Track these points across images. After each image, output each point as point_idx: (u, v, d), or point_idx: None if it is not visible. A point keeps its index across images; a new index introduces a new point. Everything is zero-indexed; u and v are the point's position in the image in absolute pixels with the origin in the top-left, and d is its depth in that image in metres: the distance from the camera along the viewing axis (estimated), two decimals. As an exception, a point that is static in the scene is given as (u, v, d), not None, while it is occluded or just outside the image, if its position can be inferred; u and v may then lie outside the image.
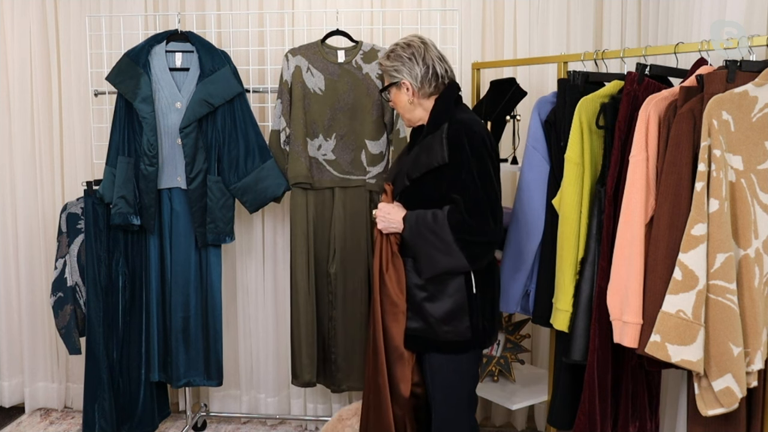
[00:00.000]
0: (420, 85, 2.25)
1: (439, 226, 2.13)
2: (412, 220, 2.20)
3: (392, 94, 2.33)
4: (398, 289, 2.23)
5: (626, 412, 2.26)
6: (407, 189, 2.25)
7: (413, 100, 2.28)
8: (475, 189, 2.11)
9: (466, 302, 2.19)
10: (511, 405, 2.72)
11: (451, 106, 2.26)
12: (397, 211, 2.24)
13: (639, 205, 2.00)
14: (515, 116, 2.87)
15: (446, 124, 2.19)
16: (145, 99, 2.89)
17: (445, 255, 2.14)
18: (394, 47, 2.30)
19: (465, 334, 2.20)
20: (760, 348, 1.86)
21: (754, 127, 1.88)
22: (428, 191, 2.20)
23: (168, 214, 3.02)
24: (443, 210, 2.14)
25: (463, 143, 2.13)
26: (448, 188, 2.15)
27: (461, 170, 2.13)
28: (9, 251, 3.57)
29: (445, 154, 2.14)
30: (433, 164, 2.16)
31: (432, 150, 2.17)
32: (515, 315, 2.86)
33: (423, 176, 2.19)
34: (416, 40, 2.28)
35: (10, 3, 3.42)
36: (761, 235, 1.87)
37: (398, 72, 2.26)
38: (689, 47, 2.16)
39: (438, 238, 2.13)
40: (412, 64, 2.25)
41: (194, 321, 3.05)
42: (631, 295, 1.99)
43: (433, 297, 2.20)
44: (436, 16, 3.16)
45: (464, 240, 2.11)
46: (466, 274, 2.19)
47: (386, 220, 2.25)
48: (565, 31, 3.18)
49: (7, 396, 3.65)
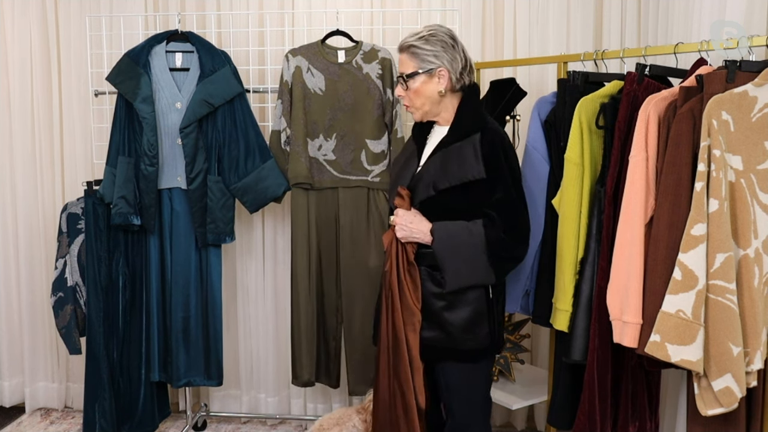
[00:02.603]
0: (458, 76, 2.13)
1: (474, 242, 2.06)
2: (443, 233, 2.10)
3: (418, 83, 2.14)
4: (416, 299, 2.15)
5: (626, 412, 2.26)
6: (431, 198, 2.12)
7: (444, 92, 2.14)
8: (514, 207, 2.07)
9: (485, 309, 2.14)
10: (511, 405, 2.72)
11: (482, 111, 2.16)
12: (420, 220, 2.13)
13: (639, 205, 2.00)
14: (515, 116, 2.87)
15: (479, 134, 2.09)
16: (146, 99, 2.89)
17: (475, 270, 2.08)
18: (433, 31, 2.12)
19: (485, 341, 2.15)
20: (759, 348, 1.87)
21: (754, 127, 1.88)
22: (456, 203, 2.10)
23: (168, 214, 3.02)
24: (476, 224, 2.07)
25: (499, 157, 2.06)
26: (481, 202, 2.08)
27: (497, 185, 2.06)
28: (9, 251, 3.57)
29: (482, 169, 2.05)
30: (467, 178, 2.06)
31: (465, 161, 2.07)
32: (515, 315, 2.86)
33: (454, 188, 2.08)
34: (451, 32, 2.15)
35: (10, 3, 3.42)
36: (761, 235, 1.87)
37: (438, 58, 2.10)
38: (689, 47, 2.16)
39: (472, 254, 2.07)
40: (454, 53, 2.11)
41: (194, 321, 3.05)
42: (630, 295, 1.99)
43: (452, 305, 2.13)
44: (436, 16, 3.16)
45: (498, 257, 2.07)
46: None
47: (408, 230, 2.13)
48: (565, 31, 3.18)
49: (8, 396, 3.65)
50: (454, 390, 2.20)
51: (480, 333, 2.14)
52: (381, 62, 2.95)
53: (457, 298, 2.13)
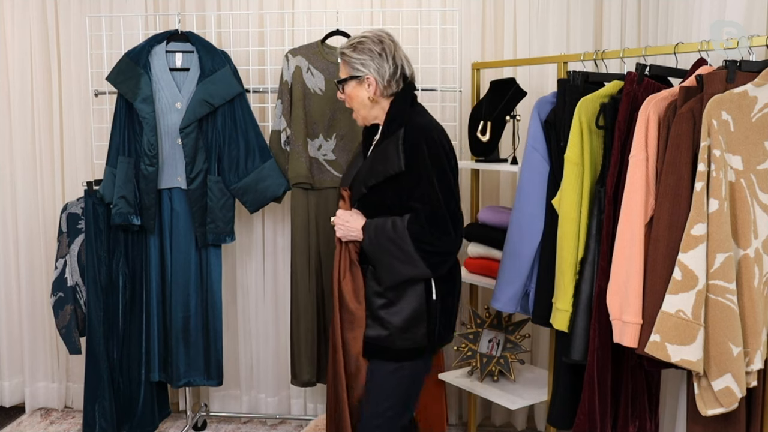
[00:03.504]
0: (386, 84, 2.16)
1: (399, 235, 2.08)
2: (372, 230, 2.14)
3: (349, 88, 2.21)
4: (355, 299, 2.18)
5: (626, 411, 2.26)
6: (365, 196, 2.18)
7: (374, 98, 2.19)
8: (436, 198, 2.06)
9: (425, 309, 2.15)
10: (511, 405, 2.72)
11: (408, 109, 2.18)
12: (356, 219, 2.18)
13: (639, 205, 2.00)
14: (515, 116, 2.88)
15: (402, 130, 2.12)
16: (146, 99, 2.89)
17: (405, 264, 2.09)
18: (363, 39, 2.17)
19: (422, 341, 2.16)
20: (759, 348, 1.87)
21: (754, 127, 1.88)
22: (387, 199, 2.14)
23: (168, 214, 3.02)
24: (403, 219, 2.09)
25: (421, 150, 2.08)
26: (407, 196, 2.10)
27: (420, 178, 2.07)
28: (9, 251, 3.57)
29: (402, 163, 2.08)
30: (389, 172, 2.10)
31: (388, 157, 2.11)
32: (515, 315, 2.86)
33: (380, 184, 2.13)
34: (387, 37, 2.19)
35: (10, 3, 3.42)
36: (761, 235, 1.87)
37: (364, 66, 2.15)
38: (689, 47, 2.16)
39: (398, 248, 2.08)
40: (381, 60, 2.15)
41: (194, 321, 3.05)
42: (630, 295, 1.99)
43: (392, 304, 2.15)
44: (436, 16, 3.16)
45: (424, 250, 2.07)
46: (427, 280, 2.15)
47: (345, 228, 2.19)
48: (565, 31, 3.18)
49: (8, 396, 3.65)
50: (376, 387, 2.19)
51: (417, 333, 2.15)
52: (381, 62, 2.94)
53: (396, 296, 2.14)
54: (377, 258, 2.15)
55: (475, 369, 2.93)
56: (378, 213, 2.16)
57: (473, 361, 2.93)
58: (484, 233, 2.86)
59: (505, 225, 2.62)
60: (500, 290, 2.57)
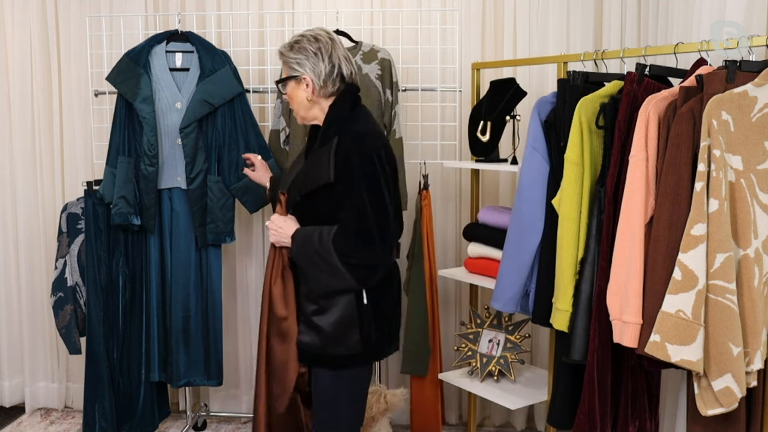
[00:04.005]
0: (322, 83, 2.10)
1: (324, 248, 2.02)
2: (300, 239, 2.09)
3: (289, 88, 2.16)
4: (283, 303, 2.14)
5: (626, 411, 2.26)
6: (299, 204, 2.14)
7: (312, 98, 2.13)
8: (364, 211, 2.00)
9: (356, 314, 2.08)
10: (510, 405, 2.72)
11: (345, 114, 2.11)
12: (289, 225, 2.13)
13: (639, 205, 2.00)
14: (515, 116, 2.88)
15: (336, 138, 2.06)
16: (146, 99, 2.89)
17: (331, 276, 2.04)
18: (299, 38, 2.13)
19: (355, 347, 2.10)
20: (759, 348, 1.87)
21: (754, 127, 1.88)
22: (319, 207, 2.09)
23: (168, 214, 3.02)
24: (330, 231, 2.04)
25: (353, 161, 2.02)
26: (337, 207, 2.04)
27: (350, 190, 2.01)
28: (9, 251, 3.57)
29: (331, 174, 2.03)
30: (320, 182, 2.05)
31: (320, 166, 2.06)
32: (515, 315, 2.86)
33: (313, 192, 2.08)
34: (324, 35, 2.13)
35: (10, 3, 3.42)
36: (761, 235, 1.87)
37: (300, 66, 2.10)
38: (689, 47, 2.16)
39: (323, 261, 2.03)
40: (317, 60, 2.09)
41: (194, 321, 3.05)
42: (630, 295, 1.99)
43: (323, 309, 2.09)
44: (436, 16, 3.16)
45: (349, 263, 2.02)
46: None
47: (278, 234, 2.14)
48: (565, 31, 3.18)
49: (8, 396, 3.65)
50: (320, 398, 2.16)
51: (350, 339, 2.09)
52: (380, 63, 2.94)
53: (328, 302, 2.09)
54: (305, 268, 2.11)
55: (475, 369, 2.93)
56: (311, 221, 2.11)
57: (473, 361, 2.93)
58: (484, 233, 2.86)
59: (505, 225, 2.62)
60: (500, 290, 2.57)
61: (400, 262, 3.31)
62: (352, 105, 2.14)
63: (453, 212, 3.39)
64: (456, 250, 3.40)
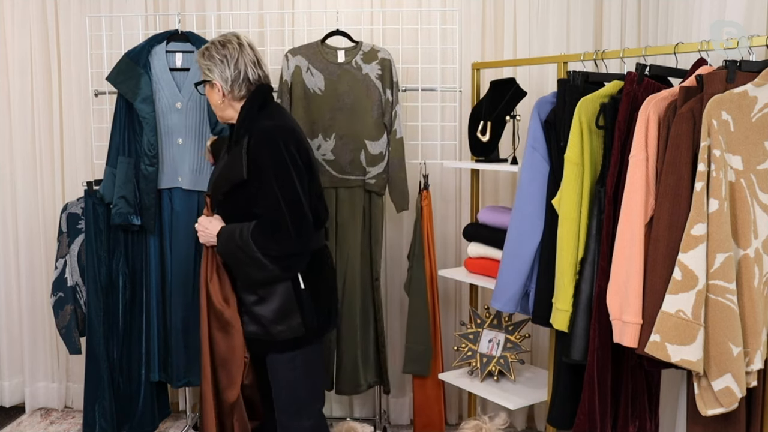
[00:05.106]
0: (230, 88, 2.23)
1: (245, 243, 2.14)
2: (224, 237, 2.21)
3: (206, 90, 2.31)
4: (222, 299, 2.26)
5: (626, 411, 2.26)
6: (221, 203, 2.27)
7: (224, 101, 2.26)
8: (276, 204, 2.11)
9: (295, 299, 2.21)
10: (511, 405, 2.72)
11: (254, 114, 2.22)
12: (214, 224, 2.25)
13: (639, 205, 2.00)
14: (515, 116, 2.88)
15: (247, 137, 2.17)
16: (146, 99, 2.89)
17: (257, 269, 2.16)
18: (209, 45, 2.27)
19: (298, 330, 2.22)
20: (759, 348, 1.87)
21: (754, 127, 1.88)
22: (239, 205, 2.21)
23: (168, 214, 3.02)
24: (249, 226, 2.15)
25: (263, 156, 2.13)
26: (253, 203, 2.16)
27: (262, 184, 2.13)
28: (9, 251, 3.57)
29: (244, 171, 2.14)
30: (234, 180, 2.17)
31: (234, 165, 2.17)
32: (515, 315, 2.86)
33: (231, 190, 2.20)
34: (234, 41, 2.25)
35: (10, 3, 3.42)
36: (761, 235, 1.87)
37: (210, 72, 2.24)
38: (689, 47, 2.16)
39: (246, 255, 2.15)
40: (223, 67, 2.22)
41: (194, 321, 3.05)
42: (630, 295, 1.99)
43: (263, 299, 2.22)
44: (436, 16, 3.16)
45: (270, 255, 2.13)
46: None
47: (205, 234, 2.27)
48: (565, 31, 3.18)
49: (8, 396, 3.66)
50: (278, 381, 2.29)
51: (292, 323, 2.21)
52: (381, 63, 2.95)
53: (266, 291, 2.21)
54: (231, 264, 2.25)
55: (475, 369, 2.93)
56: (235, 218, 2.22)
57: (473, 361, 2.93)
58: (484, 233, 2.86)
59: (505, 225, 2.62)
60: (500, 290, 2.57)
61: (400, 262, 3.33)
62: (261, 104, 2.25)
63: (453, 212, 3.39)
64: (456, 250, 3.40)
